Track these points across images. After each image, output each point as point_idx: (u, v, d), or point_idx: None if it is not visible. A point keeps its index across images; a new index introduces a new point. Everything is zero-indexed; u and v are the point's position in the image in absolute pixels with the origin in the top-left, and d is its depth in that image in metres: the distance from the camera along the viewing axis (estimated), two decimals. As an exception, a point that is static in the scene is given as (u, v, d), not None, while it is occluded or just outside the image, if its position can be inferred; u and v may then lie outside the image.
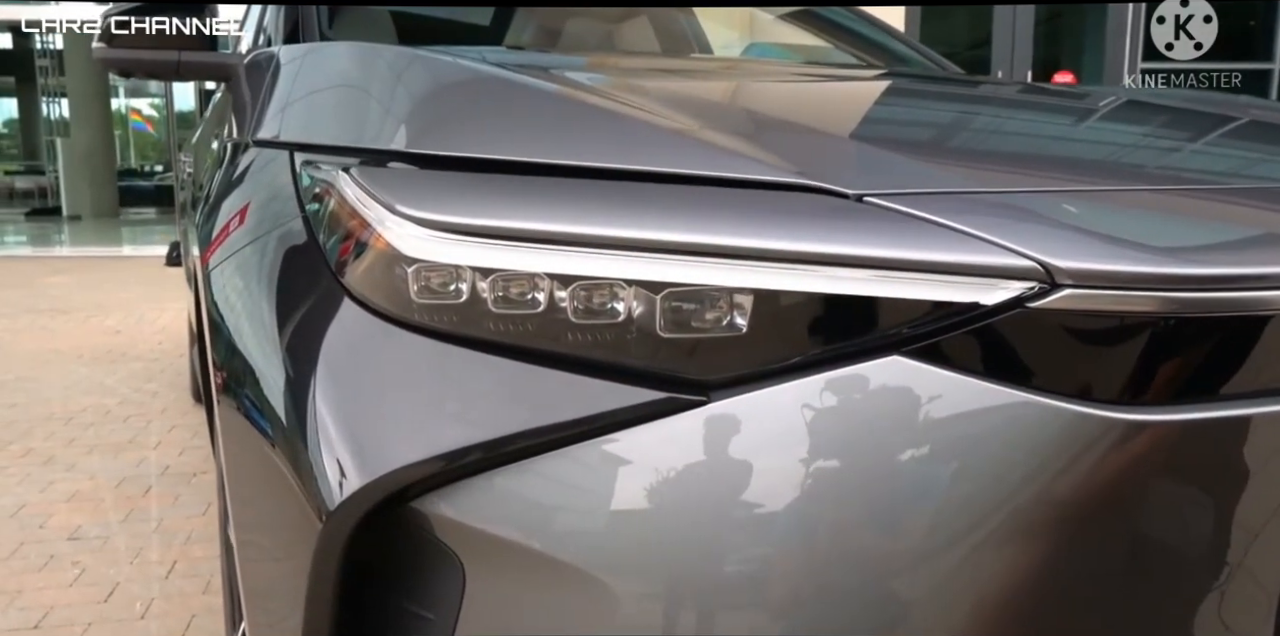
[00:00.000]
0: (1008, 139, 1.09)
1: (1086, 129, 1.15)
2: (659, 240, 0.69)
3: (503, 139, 0.83)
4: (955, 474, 0.63)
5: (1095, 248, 0.65)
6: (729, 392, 0.66)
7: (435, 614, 0.72)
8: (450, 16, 2.43)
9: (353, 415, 0.74)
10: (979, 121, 1.19)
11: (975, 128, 1.14)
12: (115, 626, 1.87)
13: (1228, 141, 1.11)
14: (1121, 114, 1.25)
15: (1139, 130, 1.18)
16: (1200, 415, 0.66)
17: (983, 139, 1.06)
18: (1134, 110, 1.31)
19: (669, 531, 0.64)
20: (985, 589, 0.63)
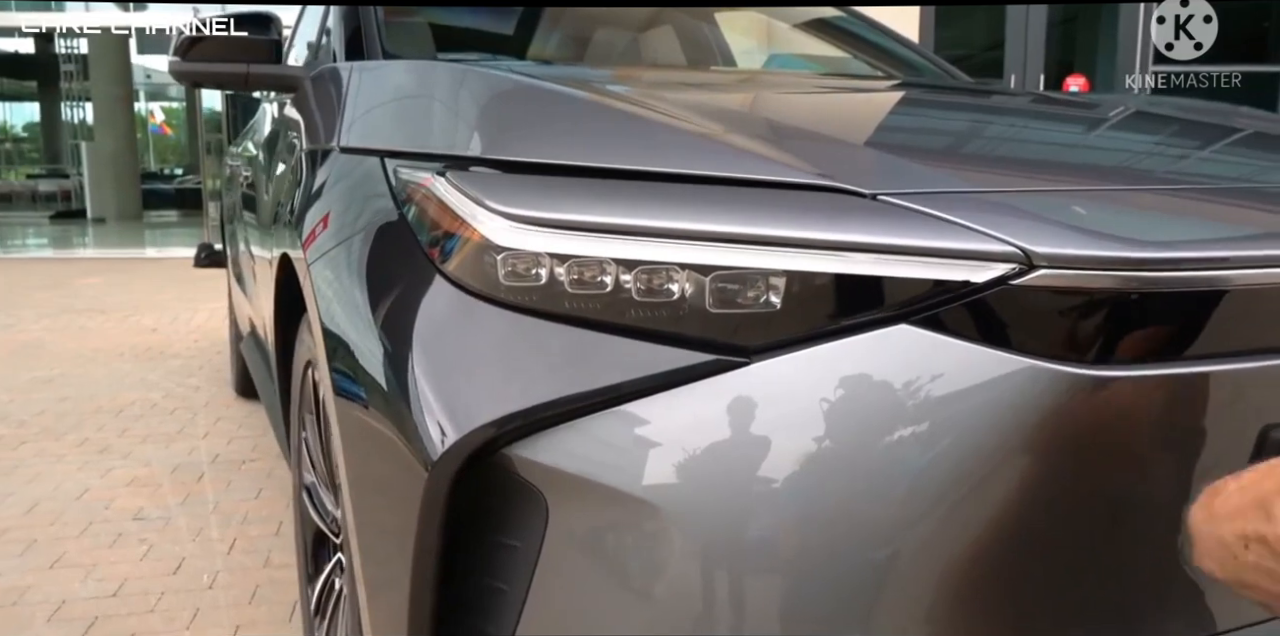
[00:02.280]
0: (1001, 144, 1.23)
1: (1070, 134, 1.29)
2: (708, 231, 0.84)
3: (567, 146, 0.98)
4: (952, 420, 0.77)
5: (1066, 236, 0.79)
6: (767, 356, 0.81)
7: (522, 542, 0.87)
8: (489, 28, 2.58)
9: (449, 379, 0.89)
10: (977, 128, 1.34)
11: (974, 133, 1.28)
12: (186, 595, 2.02)
13: (1195, 145, 1.25)
14: (1104, 120, 1.39)
15: (1117, 135, 1.32)
16: (1157, 372, 0.81)
17: (980, 144, 1.20)
18: (1116, 117, 1.45)
19: (718, 467, 0.79)
20: (981, 512, 0.78)
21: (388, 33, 1.82)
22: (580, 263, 0.86)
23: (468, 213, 0.90)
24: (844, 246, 0.81)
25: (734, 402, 0.80)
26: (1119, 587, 0.83)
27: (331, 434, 1.04)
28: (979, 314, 0.79)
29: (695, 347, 0.82)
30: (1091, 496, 0.81)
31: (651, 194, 0.88)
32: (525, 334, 0.87)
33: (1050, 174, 1.03)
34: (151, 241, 12.73)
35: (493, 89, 1.14)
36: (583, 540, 0.84)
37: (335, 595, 1.42)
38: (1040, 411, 0.78)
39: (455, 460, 0.86)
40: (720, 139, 0.97)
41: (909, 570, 0.77)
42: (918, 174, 0.93)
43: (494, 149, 1.00)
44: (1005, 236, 0.78)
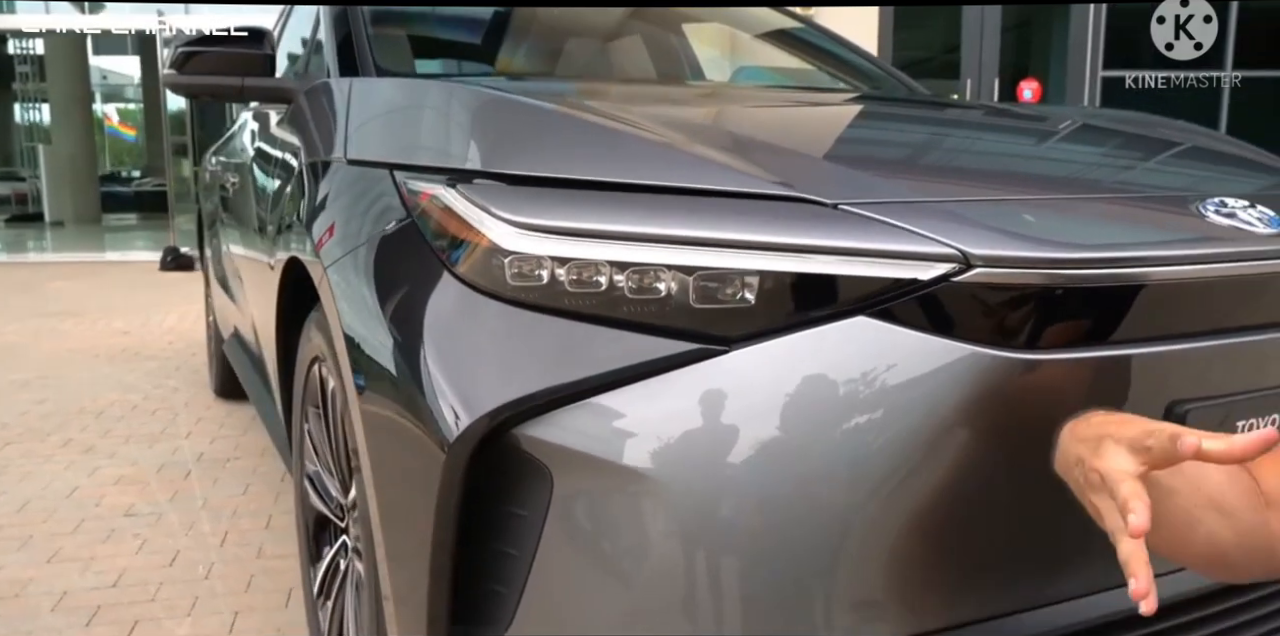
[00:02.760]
0: (948, 155, 1.36)
1: (1010, 145, 1.43)
2: (690, 236, 0.96)
3: (563, 161, 1.10)
4: (905, 396, 0.90)
5: (1000, 239, 0.93)
6: (744, 345, 0.93)
7: (529, 511, 0.98)
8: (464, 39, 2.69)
9: (462, 368, 1.00)
10: (927, 140, 1.47)
11: (924, 145, 1.42)
12: (184, 585, 2.11)
13: (1122, 156, 1.39)
14: (1042, 133, 1.54)
15: (1052, 146, 1.46)
16: (1078, 355, 0.94)
17: (929, 155, 1.34)
18: (1052, 129, 1.59)
19: (702, 440, 0.91)
20: (931, 475, 0.90)
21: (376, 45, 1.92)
22: (579, 264, 0.97)
23: (477, 220, 1.01)
24: (809, 249, 0.94)
25: (716, 386, 0.92)
26: (1047, 540, 0.97)
27: (351, 422, 1.15)
28: (926, 307, 0.92)
29: (681, 338, 0.94)
30: (1023, 460, 0.94)
31: (641, 204, 1.00)
32: (530, 327, 0.98)
33: (990, 183, 1.17)
34: (113, 245, 12.62)
35: (491, 107, 1.26)
36: (583, 507, 0.96)
37: (340, 576, 1.53)
38: (979, 389, 0.91)
39: (470, 441, 0.97)
40: (701, 154, 1.09)
41: (868, 521, 0.90)
42: (873, 185, 1.06)
43: (496, 163, 1.12)
44: (947, 240, 0.91)
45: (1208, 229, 1.04)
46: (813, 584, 0.92)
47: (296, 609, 1.97)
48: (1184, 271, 0.98)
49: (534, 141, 1.16)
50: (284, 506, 2.58)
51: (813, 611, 0.92)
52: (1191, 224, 1.05)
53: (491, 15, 2.67)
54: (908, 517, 0.93)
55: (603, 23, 2.77)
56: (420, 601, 1.03)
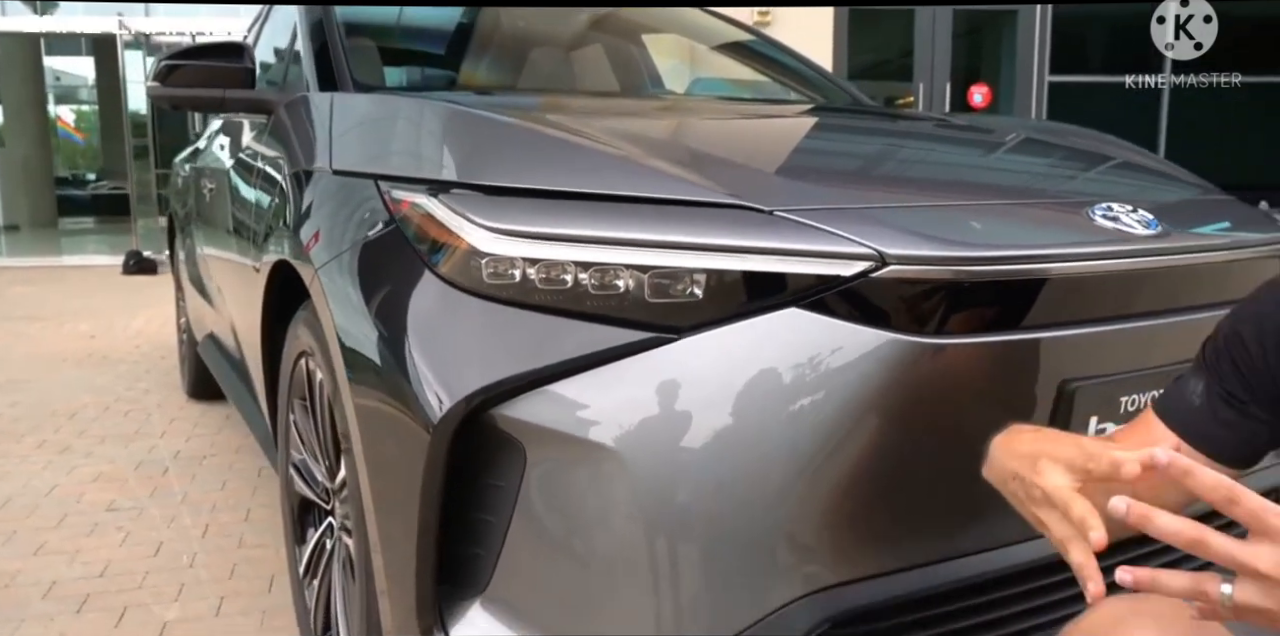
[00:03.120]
0: (874, 164, 1.52)
1: (932, 154, 1.59)
2: (646, 239, 1.09)
3: (532, 173, 1.23)
4: (831, 376, 1.05)
5: (911, 240, 1.07)
6: (692, 333, 1.07)
7: (505, 482, 1.11)
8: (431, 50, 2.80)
9: (443, 358, 1.13)
10: (858, 150, 1.63)
11: (854, 155, 1.57)
12: (169, 574, 2.21)
13: (1032, 164, 1.55)
14: (962, 142, 1.69)
15: (969, 155, 1.62)
16: (981, 340, 1.09)
17: (857, 164, 1.49)
18: (972, 139, 1.75)
19: (656, 416, 1.04)
20: (854, 445, 1.05)
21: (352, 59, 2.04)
22: (547, 264, 1.11)
23: (456, 226, 1.14)
24: (749, 250, 1.08)
25: (667, 369, 1.06)
26: (955, 502, 1.12)
27: (342, 409, 1.27)
28: (848, 299, 1.06)
29: (637, 328, 1.08)
30: (935, 431, 1.09)
31: (602, 211, 1.14)
32: (505, 320, 1.11)
33: (908, 190, 1.32)
34: (71, 249, 12.46)
35: (465, 123, 1.39)
36: (552, 477, 1.09)
37: (326, 555, 1.64)
38: (895, 370, 1.06)
39: (451, 422, 1.09)
40: (655, 166, 1.23)
41: (802, 483, 1.04)
42: (805, 193, 1.21)
43: (471, 174, 1.25)
44: (865, 241, 1.06)
45: (1094, 230, 1.20)
46: (755, 539, 1.06)
47: (279, 593, 2.07)
48: (1072, 267, 1.14)
49: (505, 155, 1.29)
50: (262, 500, 2.68)
51: (756, 563, 1.06)
52: (1080, 226, 1.20)
53: (456, 27, 2.80)
54: (835, 480, 1.07)
55: (566, 34, 2.90)
56: (408, 565, 1.15)
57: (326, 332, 1.30)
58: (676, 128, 1.66)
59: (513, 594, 1.12)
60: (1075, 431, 1.16)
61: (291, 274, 1.56)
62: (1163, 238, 1.22)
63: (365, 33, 2.40)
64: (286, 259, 1.54)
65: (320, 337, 1.38)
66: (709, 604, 1.05)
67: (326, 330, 1.30)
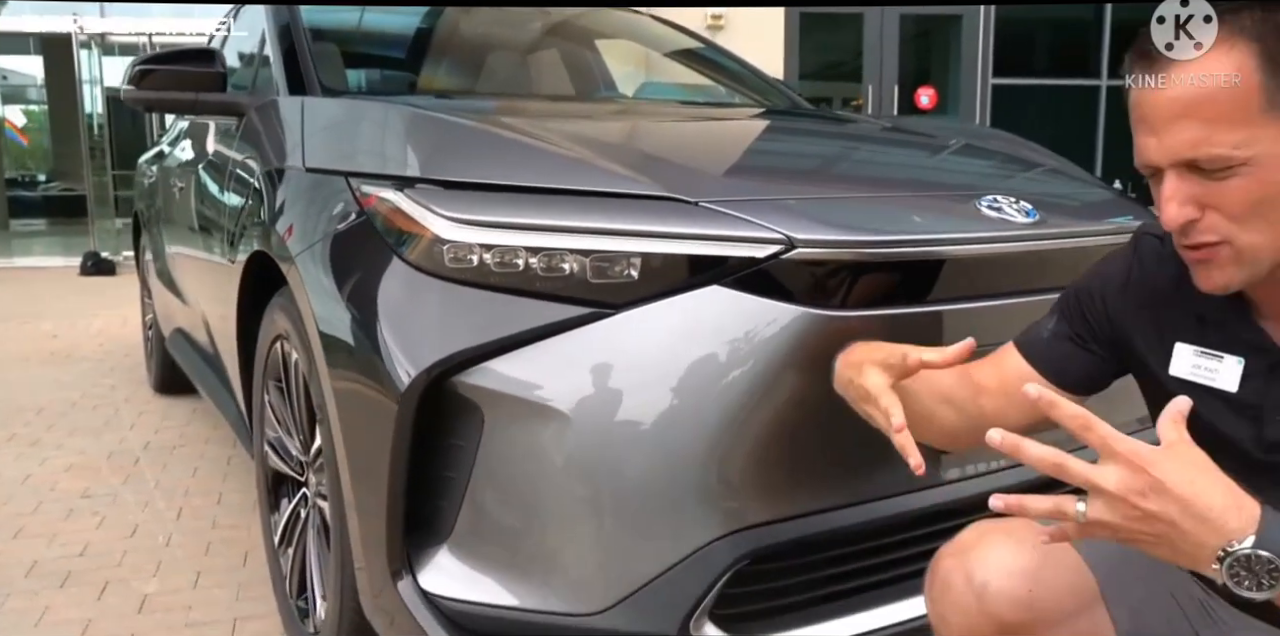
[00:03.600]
0: (793, 159, 1.69)
1: (846, 151, 1.76)
2: (588, 227, 1.25)
3: (487, 169, 1.38)
4: (749, 345, 1.21)
5: (816, 226, 1.24)
6: (628, 308, 1.23)
7: (466, 442, 1.26)
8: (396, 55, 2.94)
9: (410, 333, 1.28)
10: (780, 148, 1.80)
11: (776, 152, 1.74)
12: (147, 553, 2.32)
13: (932, 160, 1.73)
14: (875, 141, 1.87)
15: (880, 152, 1.80)
16: (880, 312, 1.26)
17: (777, 161, 1.66)
18: (885, 138, 1.94)
19: (597, 380, 1.20)
20: (769, 404, 1.22)
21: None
22: (501, 250, 1.26)
23: (421, 217, 1.29)
24: (677, 236, 1.24)
25: (607, 339, 1.22)
26: (856, 452, 1.29)
27: (320, 384, 1.41)
28: (762, 278, 1.23)
29: (580, 305, 1.24)
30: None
31: (550, 203, 1.30)
32: (464, 299, 1.27)
33: (819, 183, 1.50)
34: (25, 250, 12.34)
35: (426, 125, 1.54)
36: (506, 436, 1.25)
37: (300, 524, 1.78)
38: (803, 339, 1.23)
39: (417, 390, 1.25)
40: (597, 164, 1.39)
41: (722, 436, 1.21)
42: (728, 186, 1.37)
43: (433, 171, 1.40)
44: (777, 228, 1.23)
45: (979, 219, 1.38)
46: (682, 487, 1.22)
47: (254, 568, 2.20)
48: (958, 250, 1.32)
49: (463, 153, 1.44)
50: (233, 485, 2.80)
51: (684, 508, 1.22)
52: (968, 215, 1.38)
53: (418, 32, 2.93)
54: (753, 434, 1.24)
55: (523, 39, 3.04)
56: (380, 519, 1.30)
57: (304, 315, 1.45)
58: (620, 129, 1.82)
59: (472, 539, 1.27)
60: (964, 394, 1.34)
61: (267, 264, 1.70)
62: (1039, 225, 1.40)
63: (329, 37, 2.53)
64: (263, 250, 1.68)
65: (296, 321, 1.52)
66: (643, 543, 1.22)
67: (304, 313, 1.44)
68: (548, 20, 3.07)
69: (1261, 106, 0.82)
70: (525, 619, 1.25)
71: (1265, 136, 0.82)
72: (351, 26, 2.83)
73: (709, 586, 1.22)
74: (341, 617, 1.49)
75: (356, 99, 1.97)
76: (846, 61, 8.67)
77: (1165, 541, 0.78)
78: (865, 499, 1.32)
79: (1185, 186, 0.86)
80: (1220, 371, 0.99)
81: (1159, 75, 0.85)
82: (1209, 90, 0.83)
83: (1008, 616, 1.00)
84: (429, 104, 1.91)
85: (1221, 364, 0.99)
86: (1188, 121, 0.84)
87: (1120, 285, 1.06)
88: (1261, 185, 0.83)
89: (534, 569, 1.25)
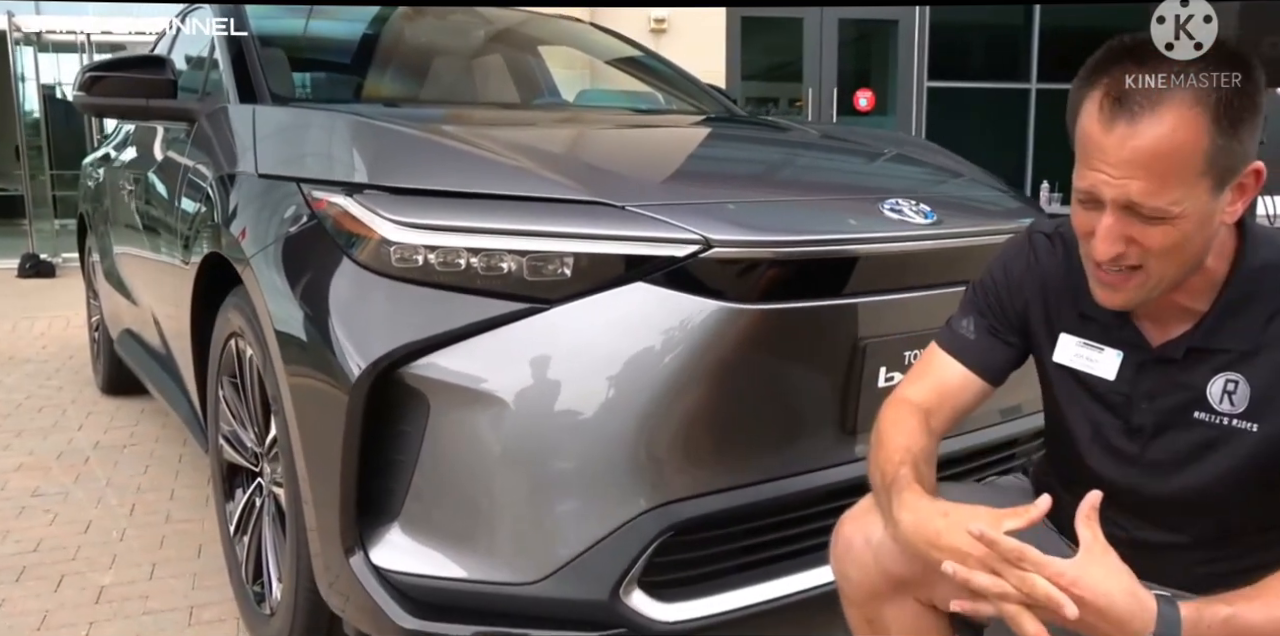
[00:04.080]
0: (714, 165, 1.83)
1: (764, 157, 1.91)
2: (524, 229, 1.37)
3: (430, 176, 1.49)
4: (671, 335, 1.33)
5: (731, 228, 1.37)
6: (561, 303, 1.35)
7: (413, 428, 1.37)
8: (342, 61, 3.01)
9: (359, 328, 1.38)
10: (703, 154, 1.94)
11: (699, 158, 1.88)
12: (101, 547, 2.38)
13: (842, 165, 1.88)
14: (792, 146, 2.02)
15: (793, 158, 1.95)
16: (791, 305, 1.40)
17: (699, 167, 1.80)
18: (802, 143, 2.08)
19: (533, 369, 1.32)
20: (693, 387, 1.34)
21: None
22: (444, 251, 1.37)
23: (369, 220, 1.40)
24: (605, 238, 1.37)
25: (542, 331, 1.34)
26: (769, 433, 1.42)
27: (275, 377, 1.50)
28: (682, 275, 1.36)
29: (517, 300, 1.35)
30: (755, 378, 1.39)
31: (488, 207, 1.41)
32: (410, 296, 1.37)
33: (736, 188, 1.63)
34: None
35: (375, 134, 1.64)
36: (450, 421, 1.36)
37: (255, 512, 1.86)
38: (721, 330, 1.36)
39: (367, 381, 1.35)
40: (533, 171, 1.50)
41: (647, 418, 1.33)
42: (652, 191, 1.50)
43: (379, 177, 1.50)
44: (695, 229, 1.36)
45: (882, 220, 1.52)
46: (611, 466, 1.34)
47: (208, 559, 2.28)
48: (859, 249, 1.45)
49: (407, 161, 1.54)
50: (185, 481, 2.85)
51: (613, 485, 1.34)
52: (872, 216, 1.52)
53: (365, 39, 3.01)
54: (675, 418, 1.36)
55: (467, 46, 3.13)
56: (334, 502, 1.40)
57: (259, 313, 1.54)
58: (556, 137, 1.94)
59: (420, 517, 1.38)
60: (868, 381, 1.48)
61: (220, 265, 1.78)
62: (936, 226, 1.55)
63: (276, 42, 2.60)
64: (217, 251, 1.76)
65: (251, 319, 1.61)
66: (576, 517, 1.34)
67: (259, 311, 1.54)
68: (491, 27, 3.16)
69: (1201, 170, 0.93)
70: (470, 589, 1.36)
71: (1195, 195, 0.93)
72: (297, 31, 2.90)
73: (636, 556, 1.35)
74: (297, 598, 1.59)
75: (305, 106, 2.05)
76: (788, 63, 8.86)
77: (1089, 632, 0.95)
78: (780, 475, 1.45)
79: (1119, 226, 0.97)
80: (1099, 361, 1.13)
81: (1131, 122, 0.91)
82: (1168, 150, 0.91)
83: (900, 571, 1.13)
84: (377, 113, 2.00)
85: (1101, 354, 1.13)
86: (1144, 171, 0.92)
87: (1019, 277, 1.20)
88: (1181, 233, 0.95)
89: (477, 543, 1.36)
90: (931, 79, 8.60)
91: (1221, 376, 1.03)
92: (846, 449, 1.49)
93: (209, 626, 1.97)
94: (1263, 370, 1.01)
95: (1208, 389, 1.04)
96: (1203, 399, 1.04)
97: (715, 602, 1.42)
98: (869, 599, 1.16)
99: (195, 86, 2.51)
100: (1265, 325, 1.00)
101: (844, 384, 1.47)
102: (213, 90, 2.32)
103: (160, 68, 2.25)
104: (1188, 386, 1.05)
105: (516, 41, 3.24)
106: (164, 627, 1.97)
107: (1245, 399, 1.02)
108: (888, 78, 8.95)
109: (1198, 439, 1.05)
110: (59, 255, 8.38)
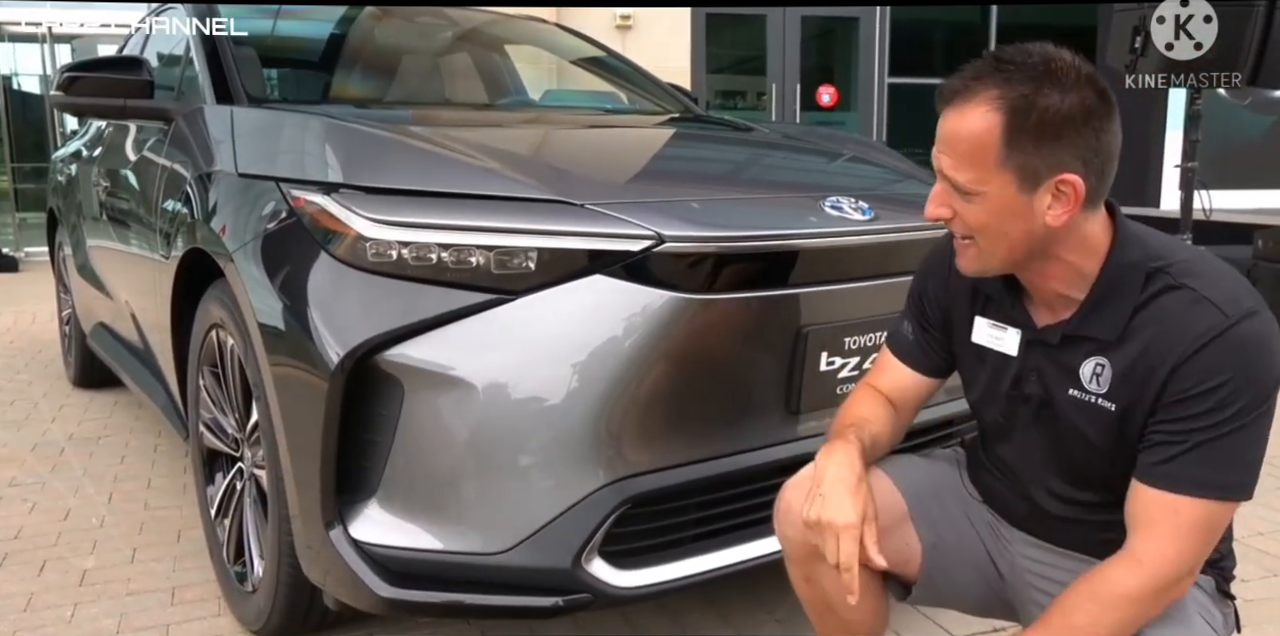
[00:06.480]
0: (669, 164, 1.95)
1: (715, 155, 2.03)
2: (491, 226, 1.48)
3: (403, 176, 1.59)
4: (628, 323, 1.45)
5: (682, 224, 1.49)
6: (526, 294, 1.46)
7: (389, 411, 1.48)
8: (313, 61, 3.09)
9: (337, 318, 1.49)
10: (661, 153, 2.06)
11: (655, 157, 2.00)
12: (82, 533, 2.46)
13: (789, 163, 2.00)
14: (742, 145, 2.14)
15: (742, 157, 2.07)
16: (739, 296, 1.52)
17: (654, 166, 1.92)
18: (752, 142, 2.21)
19: (499, 355, 1.43)
20: (647, 372, 1.46)
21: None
22: (417, 246, 1.47)
23: (346, 217, 1.50)
24: (566, 234, 1.48)
25: (507, 320, 1.45)
26: (718, 414, 1.54)
27: (258, 365, 1.60)
28: (637, 268, 1.47)
29: (484, 292, 1.46)
30: (705, 363, 1.51)
31: (458, 205, 1.51)
32: (384, 289, 1.48)
33: (689, 186, 1.75)
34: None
35: (350, 135, 1.74)
36: (423, 404, 1.46)
37: (236, 496, 1.96)
38: (673, 318, 1.47)
39: (345, 368, 1.45)
40: (499, 171, 1.61)
41: (604, 399, 1.44)
42: (609, 190, 1.61)
43: (355, 177, 1.60)
44: (648, 225, 1.47)
45: (823, 216, 1.64)
46: (571, 445, 1.45)
47: (188, 543, 2.36)
48: (800, 244, 1.58)
49: (382, 162, 1.64)
50: (162, 471, 2.93)
51: (573, 462, 1.46)
52: (813, 213, 1.65)
53: (335, 39, 3.08)
54: (630, 400, 1.47)
55: (435, 47, 3.22)
56: (314, 482, 1.50)
57: (241, 305, 1.63)
58: (520, 137, 2.05)
59: (396, 493, 1.49)
60: (810, 365, 1.61)
61: (200, 260, 1.87)
62: (874, 222, 1.67)
63: (247, 41, 2.66)
64: (198, 246, 1.85)
65: (233, 310, 1.71)
66: (540, 492, 1.45)
67: (241, 303, 1.63)
68: (458, 28, 3.25)
69: (997, 161, 1.08)
70: (442, 559, 1.47)
71: (995, 182, 1.09)
72: (266, 30, 2.97)
73: (596, 527, 1.46)
74: (279, 574, 1.69)
75: (280, 107, 2.14)
76: (753, 58, 8.99)
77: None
78: (730, 452, 1.57)
79: (943, 194, 1.14)
80: (1004, 340, 1.27)
81: (948, 108, 1.11)
82: (965, 135, 1.09)
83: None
84: (351, 114, 2.10)
85: (1006, 334, 1.27)
86: (950, 149, 1.11)
87: (943, 277, 1.33)
88: (988, 213, 1.12)
89: (449, 516, 1.47)
90: (892, 75, 8.78)
91: (1092, 360, 1.16)
92: (790, 428, 1.62)
93: (191, 605, 2.06)
94: (1123, 358, 1.14)
95: (1080, 370, 1.17)
96: (1076, 378, 1.18)
97: (670, 570, 1.54)
98: (806, 557, 1.28)
99: (169, 84, 2.59)
100: (1129, 317, 1.13)
101: (788, 368, 1.59)
102: (188, 90, 2.39)
103: (137, 69, 2.32)
104: (1065, 366, 1.19)
105: (483, 41, 3.33)
106: (148, 607, 2.06)
107: (1108, 382, 1.15)
108: (849, 74, 9.11)
109: (1073, 414, 1.19)
110: (21, 249, 8.34)
